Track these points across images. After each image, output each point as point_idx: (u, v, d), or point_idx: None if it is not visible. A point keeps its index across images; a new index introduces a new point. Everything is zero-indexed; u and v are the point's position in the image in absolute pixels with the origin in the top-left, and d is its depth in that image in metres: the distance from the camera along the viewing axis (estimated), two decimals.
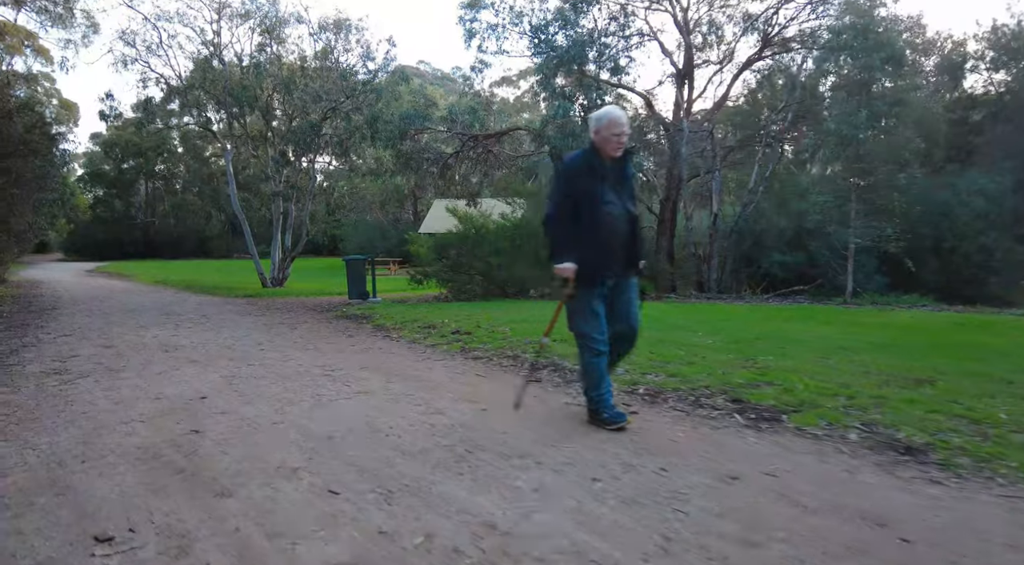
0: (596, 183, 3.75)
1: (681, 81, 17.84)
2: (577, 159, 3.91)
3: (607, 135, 3.73)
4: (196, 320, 10.59)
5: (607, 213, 3.76)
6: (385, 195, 33.45)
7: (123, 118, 17.45)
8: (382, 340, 7.96)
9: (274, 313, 11.75)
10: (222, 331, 9.02)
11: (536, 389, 5.03)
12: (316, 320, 10.40)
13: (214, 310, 12.47)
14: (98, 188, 49.81)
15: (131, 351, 7.30)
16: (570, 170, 3.89)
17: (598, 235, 3.73)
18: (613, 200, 3.78)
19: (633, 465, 3.15)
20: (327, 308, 12.46)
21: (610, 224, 3.76)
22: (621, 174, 3.89)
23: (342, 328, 9.22)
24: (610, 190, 3.78)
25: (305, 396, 4.90)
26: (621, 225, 3.82)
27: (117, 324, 10.09)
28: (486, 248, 12.73)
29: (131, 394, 5.09)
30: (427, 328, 8.45)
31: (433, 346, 7.24)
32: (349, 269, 13.05)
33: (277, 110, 20.18)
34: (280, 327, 9.50)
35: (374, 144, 19.67)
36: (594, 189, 3.74)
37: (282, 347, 7.45)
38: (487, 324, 8.41)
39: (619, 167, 3.87)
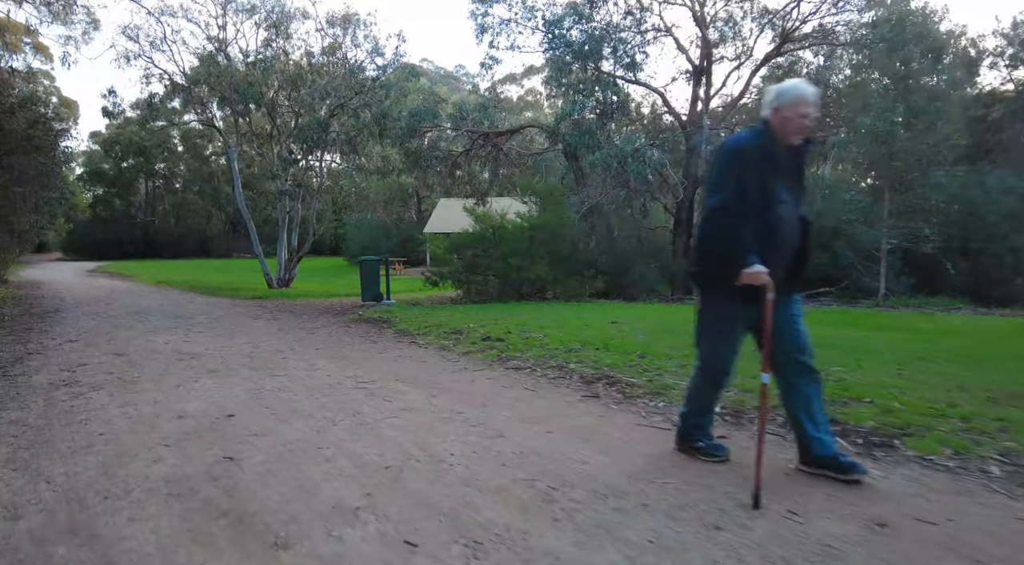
0: (770, 175, 2.97)
1: (697, 77, 17.40)
2: (747, 142, 3.07)
3: (790, 115, 2.93)
4: (207, 324, 10.10)
5: (779, 216, 2.96)
6: (390, 194, 32.96)
7: (125, 116, 16.81)
8: (409, 347, 7.48)
9: (287, 316, 11.26)
10: (237, 336, 8.53)
11: (595, 406, 4.57)
12: (333, 324, 9.91)
13: (223, 312, 11.97)
14: (98, 187, 49.19)
15: (143, 359, 6.81)
16: (740, 154, 3.03)
17: (767, 242, 2.91)
18: (787, 200, 3.00)
19: (762, 510, 2.68)
20: (341, 311, 11.97)
21: (781, 230, 2.97)
22: (796, 167, 3.12)
23: (363, 333, 8.74)
24: (783, 186, 3.00)
25: (344, 414, 4.42)
26: (792, 232, 3.05)
27: (125, 328, 9.59)
28: (504, 248, 12.26)
29: (150, 411, 4.60)
30: (454, 333, 7.97)
31: (466, 354, 6.77)
32: (363, 270, 12.57)
33: (284, 106, 19.65)
34: (297, 332, 9.01)
35: (382, 142, 19.18)
36: (768, 183, 2.95)
37: (305, 355, 6.96)
38: (517, 329, 7.94)
39: (795, 158, 3.09)
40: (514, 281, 12.39)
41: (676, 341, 6.79)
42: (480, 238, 12.68)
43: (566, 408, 4.52)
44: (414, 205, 40.69)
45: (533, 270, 12.02)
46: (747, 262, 2.83)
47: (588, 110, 15.81)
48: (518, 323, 8.49)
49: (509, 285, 12.73)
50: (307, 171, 19.57)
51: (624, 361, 5.78)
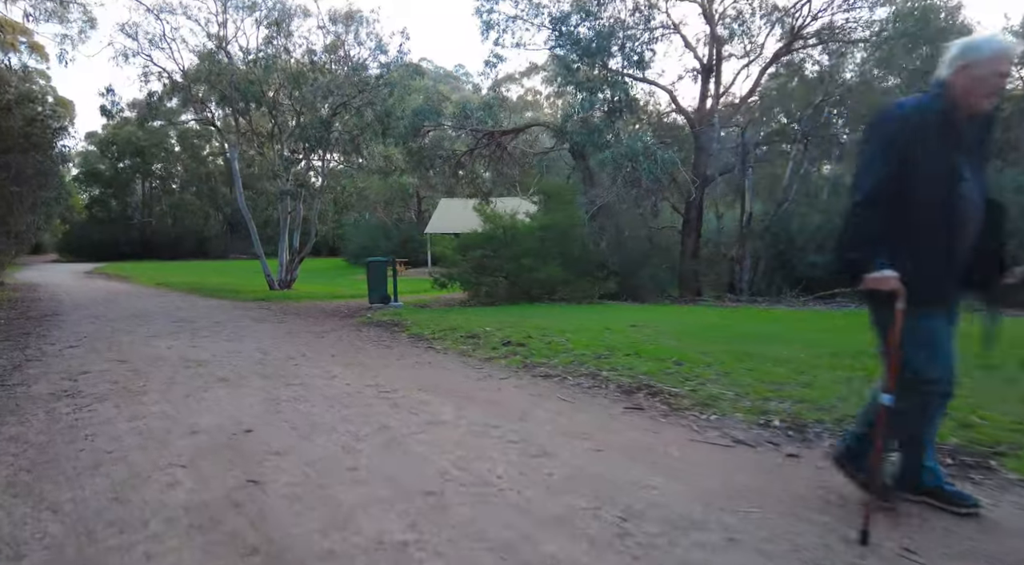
0: (950, 150, 2.40)
1: (706, 75, 17.10)
2: (918, 110, 2.46)
3: (985, 74, 2.34)
4: (211, 327, 9.74)
5: (961, 196, 2.41)
6: (390, 194, 32.60)
7: (123, 115, 16.42)
8: (426, 352, 7.15)
9: (293, 319, 10.92)
10: (244, 341, 8.18)
11: (641, 420, 4.25)
12: (343, 327, 9.56)
13: (226, 315, 11.61)
14: (94, 188, 48.68)
15: (148, 366, 6.46)
16: (911, 123, 2.44)
17: (951, 230, 2.41)
18: (970, 178, 2.43)
19: (871, 546, 2.36)
20: (349, 313, 11.63)
21: (963, 213, 2.42)
22: (980, 138, 2.51)
23: (376, 337, 8.39)
24: (966, 163, 2.43)
25: (369, 428, 4.09)
26: (976, 216, 2.45)
27: (126, 332, 9.23)
28: (516, 249, 11.93)
29: (161, 425, 4.27)
30: (471, 338, 7.64)
31: (488, 360, 6.44)
32: (370, 272, 12.23)
33: (285, 105, 19.28)
34: (306, 336, 8.66)
35: (384, 141, 18.82)
36: (948, 159, 2.40)
37: (319, 361, 6.62)
38: (537, 333, 7.61)
39: (979, 126, 2.49)
40: (524, 282, 12.07)
41: (708, 346, 6.48)
42: (489, 238, 12.35)
43: (609, 421, 4.19)
44: (413, 205, 40.34)
45: (545, 271, 11.69)
46: (873, 265, 2.37)
47: (597, 108, 15.49)
48: (536, 326, 8.16)
49: (518, 286, 12.41)
50: (309, 170, 19.22)
51: (660, 369, 5.46)
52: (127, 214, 48.80)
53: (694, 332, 7.69)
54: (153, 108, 17.51)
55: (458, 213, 32.04)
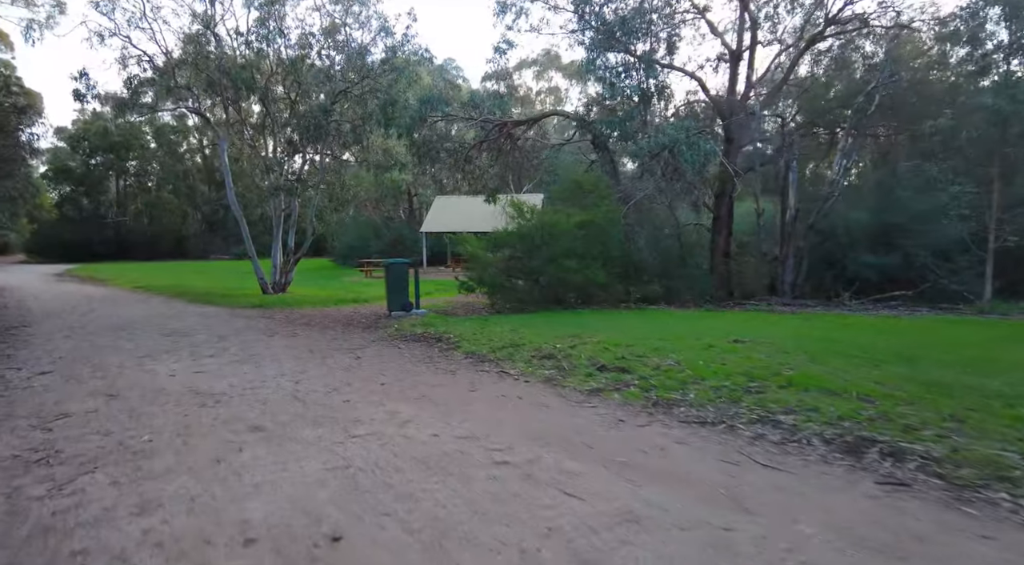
0: None
1: (734, 62, 15.80)
2: None
3: None
4: (213, 343, 8.09)
5: None
6: (382, 191, 30.84)
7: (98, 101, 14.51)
8: (501, 379, 5.62)
9: (307, 330, 9.28)
10: (261, 362, 6.57)
11: (922, 505, 2.81)
12: (374, 342, 7.97)
13: (225, 327, 9.94)
14: (64, 185, 45.77)
15: (148, 404, 4.85)
16: None
17: None
18: None
19: None
20: (369, 323, 10.01)
21: None
22: None
23: (423, 356, 6.83)
24: None
25: (528, 533, 2.58)
26: None
27: (111, 350, 7.54)
28: (555, 249, 10.44)
29: (191, 526, 2.70)
30: (547, 359, 6.15)
31: (594, 393, 4.95)
32: (389, 275, 10.62)
33: (279, 92, 17.51)
34: (336, 355, 7.06)
35: (387, 132, 17.16)
36: None
37: (370, 393, 5.07)
38: (626, 352, 6.15)
39: None
40: (562, 286, 10.59)
41: (866, 371, 5.09)
42: (522, 237, 10.83)
43: (881, 512, 2.75)
44: (404, 204, 38.49)
45: (586, 274, 10.23)
46: None
47: (625, 96, 14.08)
48: (617, 343, 6.69)
49: (551, 291, 10.92)
50: (305, 164, 17.46)
51: (852, 409, 4.05)
52: (100, 213, 45.97)
53: (816, 348, 6.29)
54: (133, 94, 15.62)
55: (455, 211, 30.55)
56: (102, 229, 44.46)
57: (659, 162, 12.68)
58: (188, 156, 50.65)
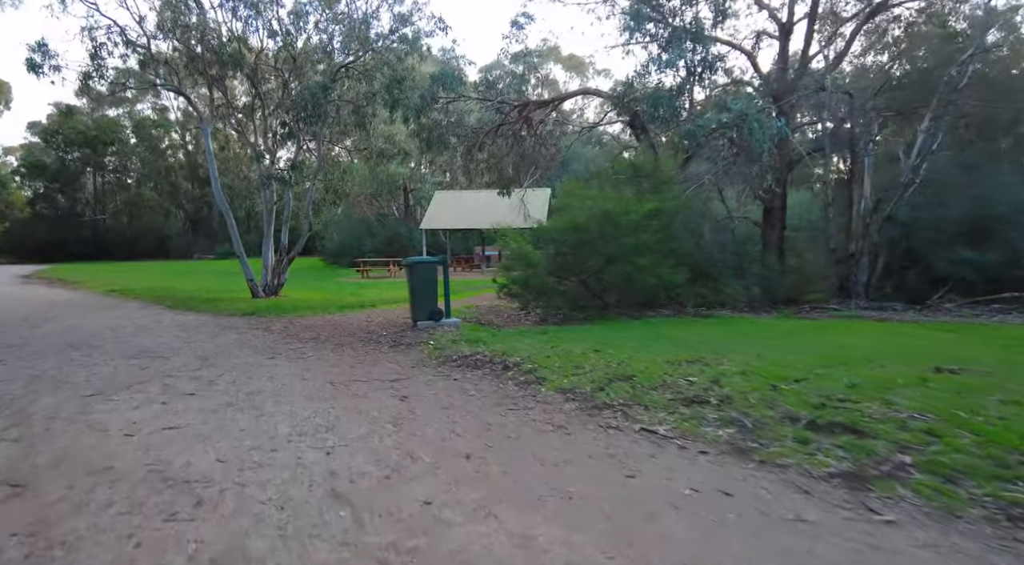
0: None
1: (785, 36, 13.82)
2: None
3: None
4: (193, 370, 5.88)
5: None
6: (377, 185, 28.45)
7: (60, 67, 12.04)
8: (644, 443, 3.51)
9: (317, 349, 7.08)
10: (266, 410, 4.40)
11: None
12: (413, 368, 5.79)
13: (211, 343, 7.71)
14: (38, 182, 42.66)
15: (75, 510, 2.68)
16: None
17: None
18: None
19: None
20: (393, 337, 7.81)
21: None
22: None
23: (496, 395, 4.66)
24: None
25: None
26: None
27: (50, 384, 5.32)
28: (623, 245, 8.33)
29: None
30: (691, 402, 4.06)
31: (853, 480, 2.86)
32: (413, 278, 8.43)
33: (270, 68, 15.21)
34: (372, 393, 4.88)
35: (392, 114, 14.92)
36: None
37: (462, 486, 2.93)
38: (809, 391, 4.09)
39: None
40: (626, 289, 8.50)
41: None
42: (577, 229, 8.69)
43: None
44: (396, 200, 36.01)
45: (660, 275, 8.15)
46: None
47: (675, 70, 12.01)
48: (764, 371, 4.65)
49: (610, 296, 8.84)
50: (301, 150, 15.15)
51: None
52: (77, 211, 42.94)
53: None
54: (99, 68, 13.15)
55: (456, 206, 28.26)
56: (79, 228, 41.55)
57: (722, 142, 10.64)
58: (170, 152, 47.77)
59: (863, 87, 12.81)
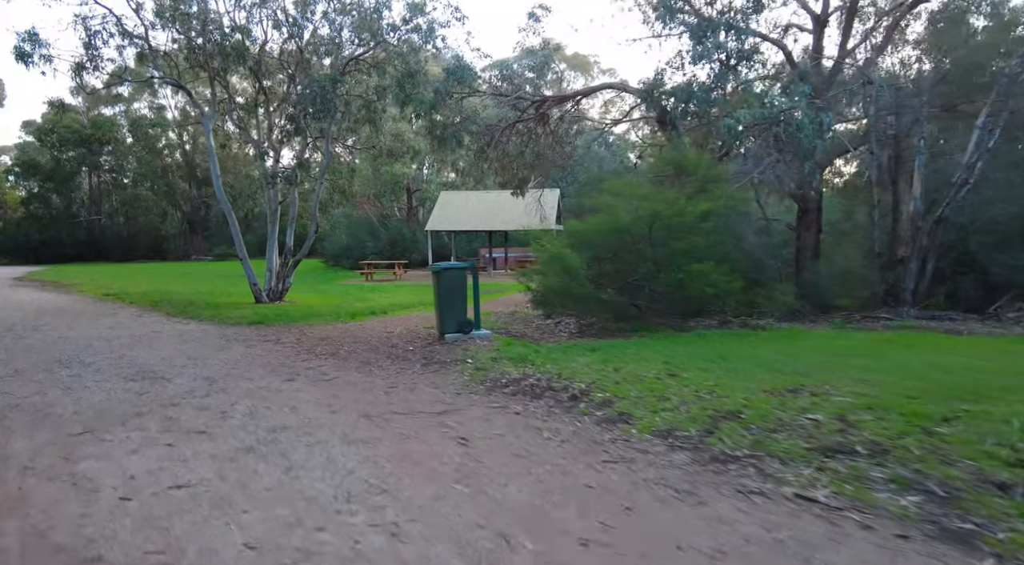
0: None
1: (820, 27, 13.00)
2: None
3: None
4: (200, 397, 4.99)
5: None
6: (380, 186, 27.46)
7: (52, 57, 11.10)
8: (788, 508, 2.65)
9: (339, 368, 6.19)
10: (294, 457, 3.52)
11: None
12: (458, 395, 4.90)
13: (217, 359, 6.82)
14: (32, 182, 41.42)
15: None
16: None
17: None
18: None
19: None
20: (421, 351, 6.92)
21: None
22: None
23: (576, 438, 3.77)
24: None
25: None
26: None
27: (29, 418, 4.42)
28: (675, 249, 7.46)
29: None
30: (836, 452, 3.20)
31: None
32: (441, 286, 7.53)
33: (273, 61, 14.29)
34: (422, 432, 4.00)
35: (403, 111, 14.04)
36: None
37: None
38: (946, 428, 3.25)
39: None
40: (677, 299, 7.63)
41: None
42: (620, 231, 7.81)
43: None
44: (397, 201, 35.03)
45: (716, 283, 7.29)
46: None
47: (710, 62, 11.17)
48: (896, 407, 3.79)
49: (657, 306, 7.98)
50: (308, 147, 14.21)
51: None
52: (72, 211, 41.71)
53: None
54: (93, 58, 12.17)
55: (462, 207, 27.32)
56: (74, 229, 40.38)
57: (766, 138, 9.82)
58: (167, 152, 46.61)
59: (906, 80, 11.98)
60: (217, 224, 46.76)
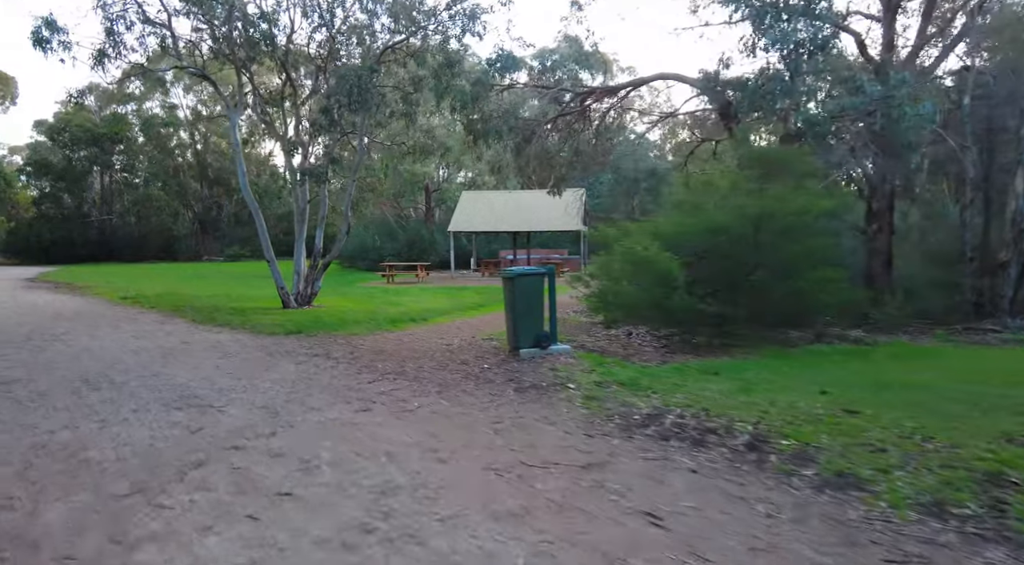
0: None
1: (891, 13, 11.97)
2: None
3: None
4: (264, 432, 4.01)
5: None
6: (400, 185, 26.39)
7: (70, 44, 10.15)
8: None
9: (418, 394, 5.19)
10: (420, 527, 2.52)
11: None
12: (586, 435, 3.90)
13: (268, 379, 5.84)
14: (44, 181, 40.52)
15: None
16: None
17: None
18: None
19: None
20: (503, 369, 5.92)
21: None
22: None
23: (812, 518, 2.78)
24: None
25: None
26: None
27: (60, 469, 3.43)
28: (791, 253, 6.44)
29: None
30: None
31: None
32: (516, 294, 6.53)
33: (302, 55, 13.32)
34: (586, 499, 3.01)
35: (440, 103, 13.02)
36: None
37: None
38: None
39: None
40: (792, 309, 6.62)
41: None
42: (714, 231, 6.78)
43: None
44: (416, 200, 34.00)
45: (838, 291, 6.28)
46: None
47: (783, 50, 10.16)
48: None
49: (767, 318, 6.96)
50: (338, 142, 13.20)
51: None
52: (83, 211, 40.82)
53: None
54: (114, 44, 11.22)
55: (485, 208, 26.18)
56: (85, 228, 39.49)
57: (860, 129, 8.81)
58: (179, 151, 45.70)
59: None
60: (229, 225, 45.84)
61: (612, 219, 12.29)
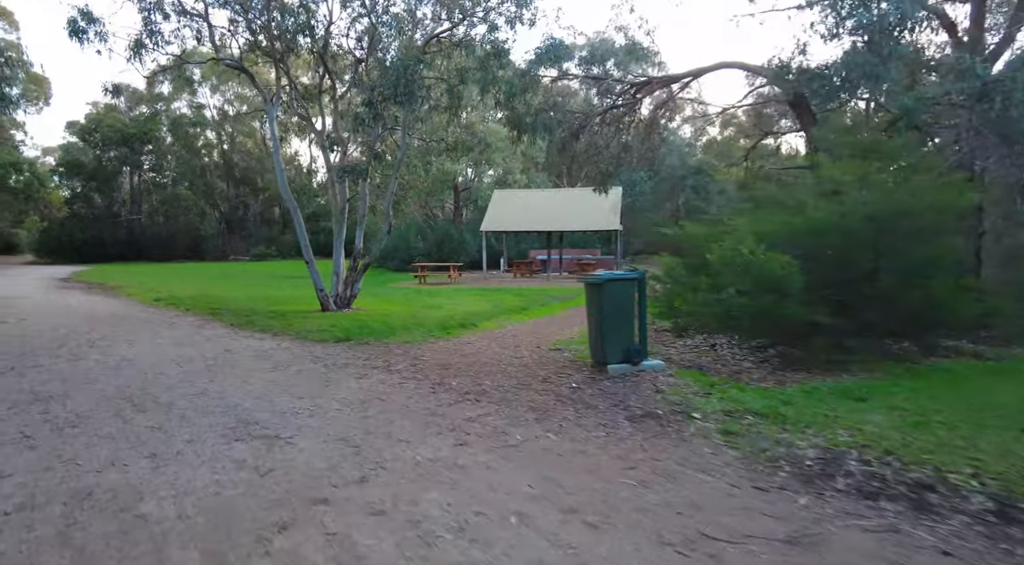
0: None
1: None
2: None
3: None
4: (351, 478, 3.24)
5: None
6: (431, 183, 25.65)
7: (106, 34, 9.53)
8: None
9: (511, 423, 4.40)
10: None
11: None
12: (754, 487, 3.08)
13: (335, 399, 5.09)
14: (75, 181, 40.50)
15: None
16: None
17: None
18: None
19: None
20: (603, 395, 5.10)
21: None
22: None
23: None
24: None
25: None
26: None
27: (102, 539, 2.67)
28: (919, 258, 5.54)
29: None
30: None
31: None
32: (603, 301, 5.71)
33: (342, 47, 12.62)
34: None
35: (484, 96, 12.20)
36: None
37: None
38: None
39: None
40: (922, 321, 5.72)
41: None
42: (826, 232, 5.89)
43: None
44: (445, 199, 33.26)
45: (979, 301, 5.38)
46: None
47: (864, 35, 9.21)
48: None
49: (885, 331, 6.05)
50: (380, 137, 12.47)
51: None
52: (113, 210, 40.74)
53: None
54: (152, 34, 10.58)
55: (518, 207, 25.25)
56: (115, 228, 39.40)
57: (971, 117, 7.83)
58: (205, 151, 45.55)
59: None
60: (255, 224, 45.60)
61: (654, 218, 11.42)
